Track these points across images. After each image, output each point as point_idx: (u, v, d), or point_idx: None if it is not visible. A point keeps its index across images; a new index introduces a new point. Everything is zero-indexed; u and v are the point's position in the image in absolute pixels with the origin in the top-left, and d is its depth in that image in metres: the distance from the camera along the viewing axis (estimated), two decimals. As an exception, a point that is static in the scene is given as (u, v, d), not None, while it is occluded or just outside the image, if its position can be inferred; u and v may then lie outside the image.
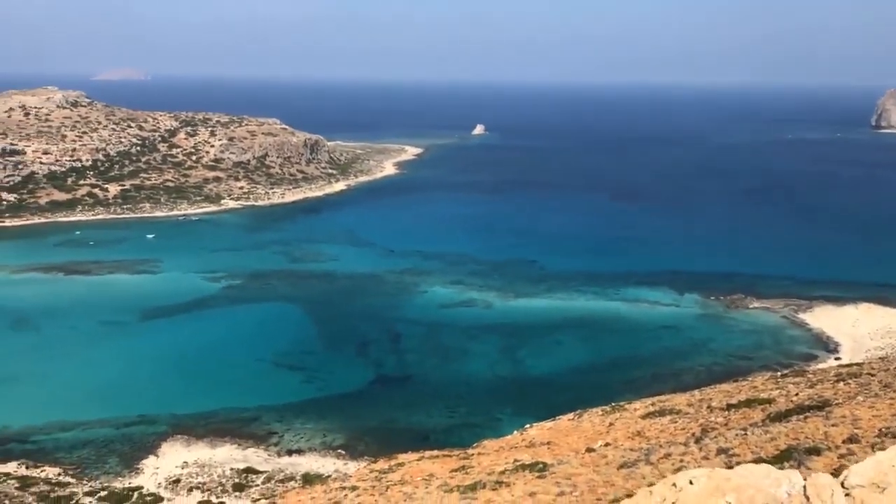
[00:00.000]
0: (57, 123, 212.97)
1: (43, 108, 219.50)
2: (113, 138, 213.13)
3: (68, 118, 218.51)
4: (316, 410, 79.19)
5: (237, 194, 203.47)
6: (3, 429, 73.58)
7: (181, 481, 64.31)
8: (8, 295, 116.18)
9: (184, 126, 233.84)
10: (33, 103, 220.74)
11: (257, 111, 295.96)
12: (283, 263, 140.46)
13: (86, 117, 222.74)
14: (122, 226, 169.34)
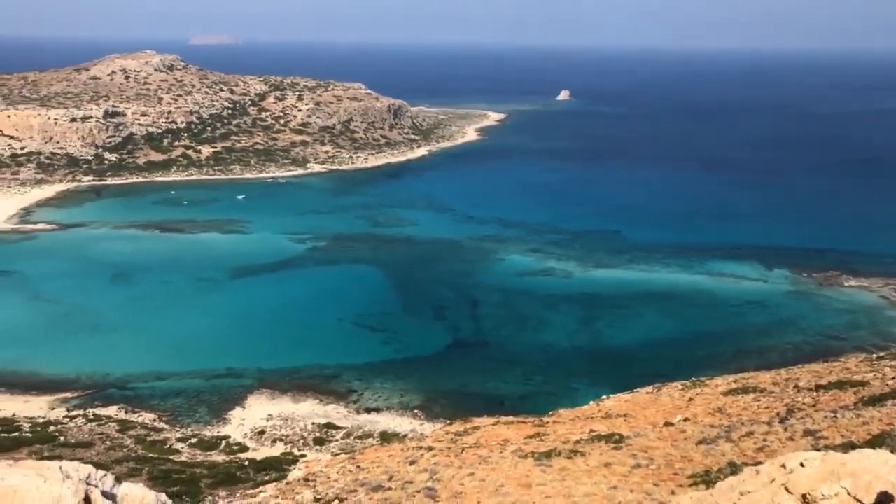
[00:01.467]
0: (154, 86, 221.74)
1: (142, 72, 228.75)
2: (206, 101, 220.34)
3: (164, 81, 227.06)
4: (394, 371, 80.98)
5: (322, 158, 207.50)
6: (105, 376, 78.55)
7: (265, 433, 67.22)
8: (109, 250, 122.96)
9: (273, 90, 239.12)
10: (133, 67, 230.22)
11: (343, 76, 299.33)
12: (364, 227, 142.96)
13: (181, 81, 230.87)
14: (214, 186, 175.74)
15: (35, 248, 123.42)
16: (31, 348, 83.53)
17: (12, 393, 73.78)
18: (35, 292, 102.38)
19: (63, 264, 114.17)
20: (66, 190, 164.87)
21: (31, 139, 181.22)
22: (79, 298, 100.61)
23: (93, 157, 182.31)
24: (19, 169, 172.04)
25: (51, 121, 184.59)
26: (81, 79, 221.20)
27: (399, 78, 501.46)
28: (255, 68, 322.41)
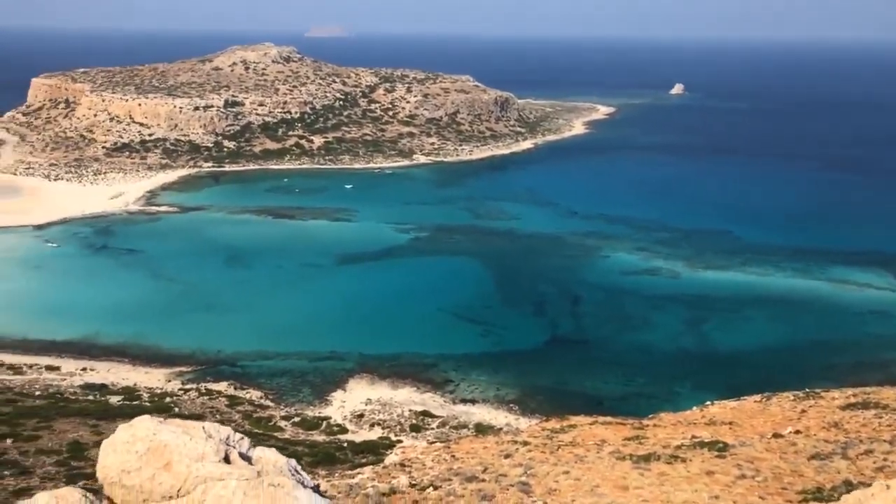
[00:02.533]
0: (271, 77, 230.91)
1: (260, 63, 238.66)
2: (319, 92, 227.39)
3: (281, 72, 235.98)
4: (491, 364, 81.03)
5: (428, 150, 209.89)
6: (217, 352, 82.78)
7: (364, 416, 68.90)
8: (225, 233, 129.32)
9: (383, 82, 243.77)
10: (252, 58, 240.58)
11: (452, 68, 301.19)
12: (467, 219, 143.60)
13: (296, 72, 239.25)
14: (324, 175, 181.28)
15: (158, 229, 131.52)
16: (152, 323, 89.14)
17: (135, 364, 79.04)
18: (157, 271, 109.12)
19: (183, 245, 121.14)
20: (188, 175, 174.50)
21: (158, 126, 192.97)
22: (196, 278, 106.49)
23: (213, 144, 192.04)
24: (147, 154, 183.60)
25: (176, 109, 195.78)
26: (205, 69, 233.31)
27: (507, 71, 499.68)
28: (366, 60, 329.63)
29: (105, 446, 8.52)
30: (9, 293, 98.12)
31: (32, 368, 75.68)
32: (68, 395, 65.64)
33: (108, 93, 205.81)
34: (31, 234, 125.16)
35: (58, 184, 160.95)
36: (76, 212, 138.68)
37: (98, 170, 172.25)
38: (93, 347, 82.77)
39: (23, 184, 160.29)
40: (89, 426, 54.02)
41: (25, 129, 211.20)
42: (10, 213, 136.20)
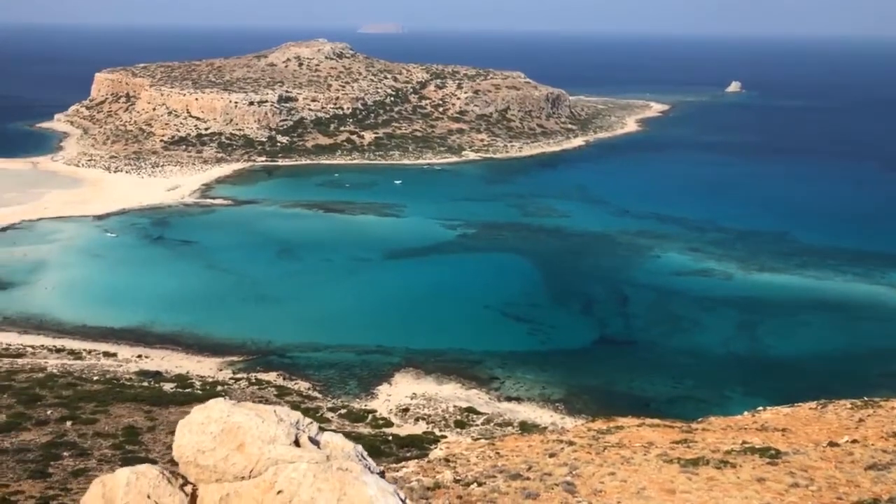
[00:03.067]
0: (324, 73, 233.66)
1: (314, 59, 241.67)
2: (371, 88, 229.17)
3: (334, 68, 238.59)
4: (537, 362, 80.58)
5: (478, 146, 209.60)
6: (268, 343, 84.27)
7: (409, 410, 69.28)
8: (277, 226, 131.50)
9: (434, 78, 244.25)
10: (306, 54, 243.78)
11: (503, 64, 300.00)
12: (515, 216, 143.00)
13: (349, 68, 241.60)
14: (374, 171, 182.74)
15: (213, 221, 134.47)
16: (205, 313, 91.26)
17: (188, 353, 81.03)
18: (211, 262, 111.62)
19: (236, 237, 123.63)
20: (242, 169, 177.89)
21: (214, 121, 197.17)
22: (248, 270, 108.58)
23: (266, 139, 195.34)
24: (203, 148, 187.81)
25: (232, 104, 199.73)
26: (260, 65, 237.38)
27: (559, 67, 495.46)
28: (418, 57, 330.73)
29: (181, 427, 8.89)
30: (70, 281, 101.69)
31: (91, 354, 78.27)
32: (124, 381, 67.68)
33: (166, 87, 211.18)
34: (92, 224, 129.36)
35: (117, 175, 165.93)
36: (134, 203, 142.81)
37: (156, 162, 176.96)
38: (148, 335, 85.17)
39: (85, 175, 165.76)
40: (143, 412, 55.63)
41: (88, 122, 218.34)
42: (73, 203, 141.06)
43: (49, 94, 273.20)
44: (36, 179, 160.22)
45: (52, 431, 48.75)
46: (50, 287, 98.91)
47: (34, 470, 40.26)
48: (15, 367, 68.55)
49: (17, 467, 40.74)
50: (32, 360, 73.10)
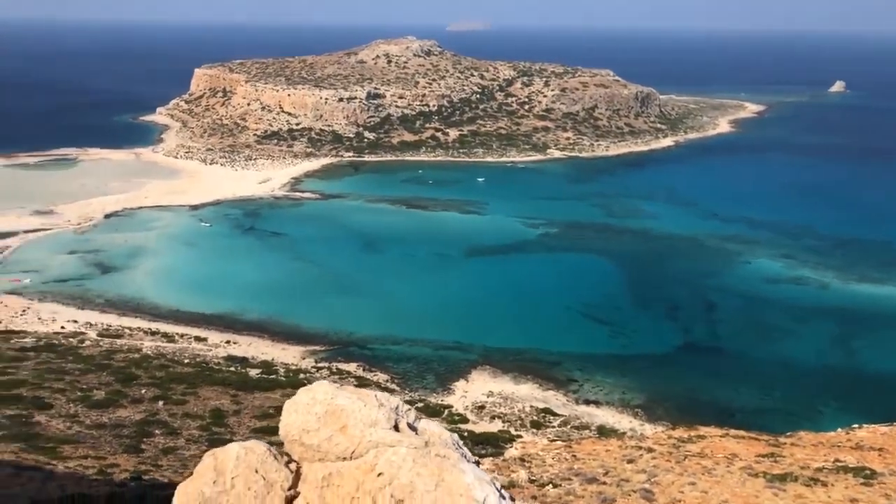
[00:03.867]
0: (412, 70, 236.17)
1: (402, 57, 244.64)
2: (457, 86, 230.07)
3: (421, 66, 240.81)
4: (617, 366, 79.07)
5: (563, 144, 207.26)
6: (349, 334, 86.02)
7: (485, 408, 69.29)
8: (362, 220, 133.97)
9: (520, 76, 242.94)
10: (395, 52, 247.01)
11: (593, 62, 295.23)
12: (599, 216, 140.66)
13: (436, 65, 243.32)
14: (457, 168, 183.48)
15: (301, 214, 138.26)
16: (291, 303, 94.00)
17: (273, 340, 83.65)
18: (298, 253, 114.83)
19: (322, 230, 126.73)
20: (330, 164, 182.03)
21: (304, 116, 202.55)
22: (332, 262, 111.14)
23: (354, 135, 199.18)
24: (293, 143, 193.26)
25: (322, 100, 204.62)
26: (350, 62, 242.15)
27: (650, 65, 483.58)
28: (506, 54, 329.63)
29: (287, 406, 9.33)
30: (166, 268, 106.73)
31: (183, 338, 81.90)
32: (213, 365, 70.48)
33: (260, 83, 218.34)
34: (188, 214, 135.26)
35: (213, 168, 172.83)
36: (228, 194, 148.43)
37: (249, 156, 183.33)
38: (237, 322, 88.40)
39: (183, 166, 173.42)
40: (230, 395, 57.78)
41: (187, 115, 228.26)
42: (171, 193, 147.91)
43: (151, 89, 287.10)
44: (138, 170, 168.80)
45: (145, 410, 51.29)
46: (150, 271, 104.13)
47: (128, 445, 42.48)
48: (114, 348, 72.49)
49: (113, 441, 43.09)
50: (129, 342, 77.15)
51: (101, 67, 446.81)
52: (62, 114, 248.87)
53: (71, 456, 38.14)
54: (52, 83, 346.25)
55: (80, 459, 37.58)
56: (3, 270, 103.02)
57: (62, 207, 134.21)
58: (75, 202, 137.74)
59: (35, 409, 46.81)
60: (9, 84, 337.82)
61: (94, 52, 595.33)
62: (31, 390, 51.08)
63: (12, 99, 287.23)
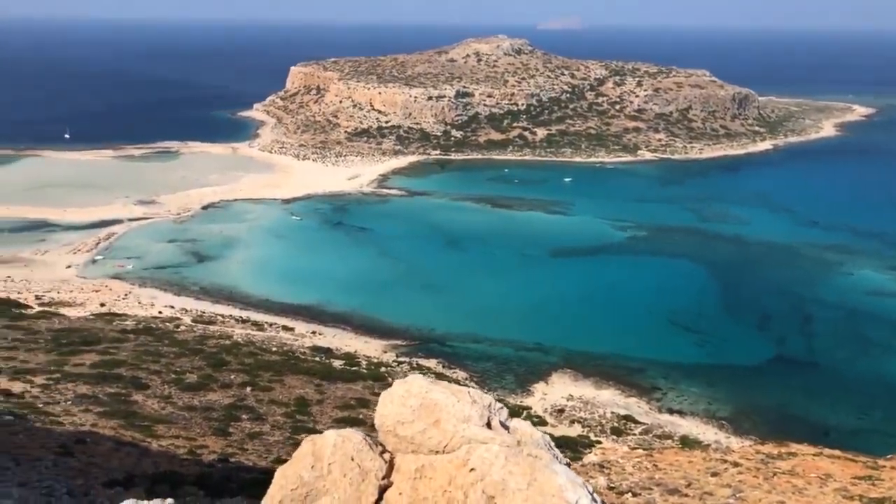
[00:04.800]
0: (501, 69, 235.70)
1: (492, 55, 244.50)
2: (546, 85, 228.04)
3: (511, 65, 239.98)
4: (704, 376, 76.58)
5: (654, 146, 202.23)
6: (430, 331, 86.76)
7: (565, 412, 68.47)
8: (446, 218, 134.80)
9: (612, 75, 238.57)
10: (485, 50, 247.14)
11: (689, 62, 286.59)
12: (690, 221, 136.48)
13: (526, 64, 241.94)
14: (544, 168, 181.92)
15: (387, 210, 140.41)
16: (375, 297, 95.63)
17: (357, 333, 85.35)
18: (383, 249, 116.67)
19: (407, 227, 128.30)
20: (416, 161, 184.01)
21: (394, 114, 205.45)
22: (416, 258, 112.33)
23: (441, 133, 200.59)
24: (382, 140, 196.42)
25: (411, 98, 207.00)
26: (440, 61, 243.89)
27: (749, 65, 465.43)
28: (598, 53, 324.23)
29: (383, 397, 9.61)
30: (258, 258, 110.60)
31: (272, 327, 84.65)
32: (299, 355, 72.50)
33: (353, 81, 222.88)
34: (280, 207, 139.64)
35: (304, 163, 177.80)
36: (318, 189, 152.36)
37: (339, 152, 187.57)
38: (322, 314, 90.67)
39: (276, 161, 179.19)
40: (314, 385, 59.29)
41: (282, 112, 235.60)
42: (264, 187, 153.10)
43: (249, 86, 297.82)
44: (234, 164, 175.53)
45: (234, 395, 53.27)
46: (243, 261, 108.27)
47: (217, 428, 44.21)
48: (207, 333, 75.65)
49: (203, 423, 44.97)
50: (221, 328, 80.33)
51: (203, 65, 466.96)
52: (166, 108, 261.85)
53: (164, 435, 40.05)
54: (156, 79, 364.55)
55: (173, 439, 39.42)
56: (109, 256, 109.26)
57: (164, 198, 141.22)
58: (175, 193, 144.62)
59: (133, 389, 49.41)
60: (118, 80, 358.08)
61: (196, 51, 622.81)
62: (130, 370, 53.94)
63: (123, 94, 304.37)
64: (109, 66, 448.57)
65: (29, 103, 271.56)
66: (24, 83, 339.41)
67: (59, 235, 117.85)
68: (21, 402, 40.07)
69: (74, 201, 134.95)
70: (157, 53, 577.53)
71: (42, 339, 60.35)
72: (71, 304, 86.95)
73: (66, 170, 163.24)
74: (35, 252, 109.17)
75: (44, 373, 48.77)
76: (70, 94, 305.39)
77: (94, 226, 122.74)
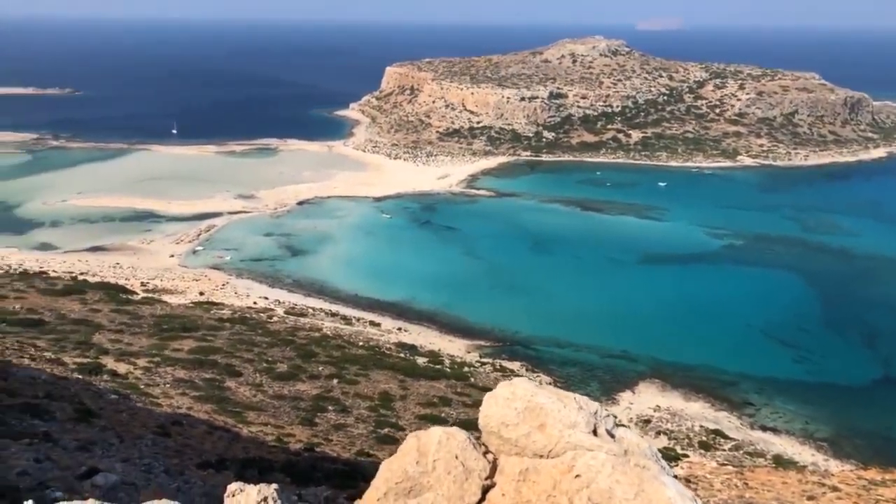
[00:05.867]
0: (597, 70, 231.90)
1: (588, 56, 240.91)
2: (643, 87, 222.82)
3: (607, 66, 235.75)
4: (801, 393, 72.92)
5: (755, 151, 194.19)
6: (514, 332, 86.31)
7: (651, 423, 66.68)
8: (533, 220, 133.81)
9: (713, 78, 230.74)
10: (580, 51, 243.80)
11: (796, 65, 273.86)
12: (792, 230, 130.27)
13: (622, 65, 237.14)
14: (638, 171, 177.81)
15: (475, 210, 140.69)
16: (460, 296, 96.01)
17: (441, 331, 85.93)
18: (469, 248, 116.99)
19: (494, 227, 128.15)
20: (506, 162, 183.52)
21: (486, 115, 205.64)
22: (502, 259, 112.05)
23: (533, 134, 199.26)
24: (473, 140, 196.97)
25: (504, 99, 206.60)
26: (534, 62, 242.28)
27: (865, 67, 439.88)
28: (698, 54, 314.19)
29: (488, 399, 9.66)
30: (348, 254, 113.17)
31: (359, 322, 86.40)
32: (384, 350, 73.66)
33: (446, 81, 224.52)
34: (371, 205, 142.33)
35: (396, 162, 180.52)
36: (408, 188, 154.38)
37: (430, 152, 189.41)
38: (408, 311, 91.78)
39: (369, 160, 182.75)
40: (398, 381, 60.08)
41: (376, 111, 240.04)
42: (357, 185, 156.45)
43: (346, 85, 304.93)
44: (329, 161, 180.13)
45: (321, 386, 54.65)
46: (334, 256, 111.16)
47: (304, 418, 45.47)
48: (298, 325, 77.97)
49: (291, 412, 46.34)
50: (312, 321, 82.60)
51: (300, 63, 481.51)
52: (267, 106, 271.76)
53: (254, 422, 41.53)
54: (257, 78, 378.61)
55: (262, 426, 40.81)
56: (209, 247, 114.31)
57: (262, 193, 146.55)
58: (273, 189, 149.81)
59: (227, 375, 51.48)
60: (221, 78, 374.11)
61: (297, 49, 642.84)
62: (225, 358, 56.23)
63: (225, 91, 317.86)
64: (213, 64, 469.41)
65: (139, 99, 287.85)
66: (133, 79, 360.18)
67: (164, 226, 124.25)
68: (125, 382, 42.44)
69: (179, 194, 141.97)
70: (256, 51, 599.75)
71: (145, 323, 63.76)
72: (173, 291, 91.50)
73: (173, 164, 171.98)
74: (142, 241, 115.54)
75: (146, 356, 51.48)
76: (176, 90, 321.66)
77: (197, 218, 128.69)
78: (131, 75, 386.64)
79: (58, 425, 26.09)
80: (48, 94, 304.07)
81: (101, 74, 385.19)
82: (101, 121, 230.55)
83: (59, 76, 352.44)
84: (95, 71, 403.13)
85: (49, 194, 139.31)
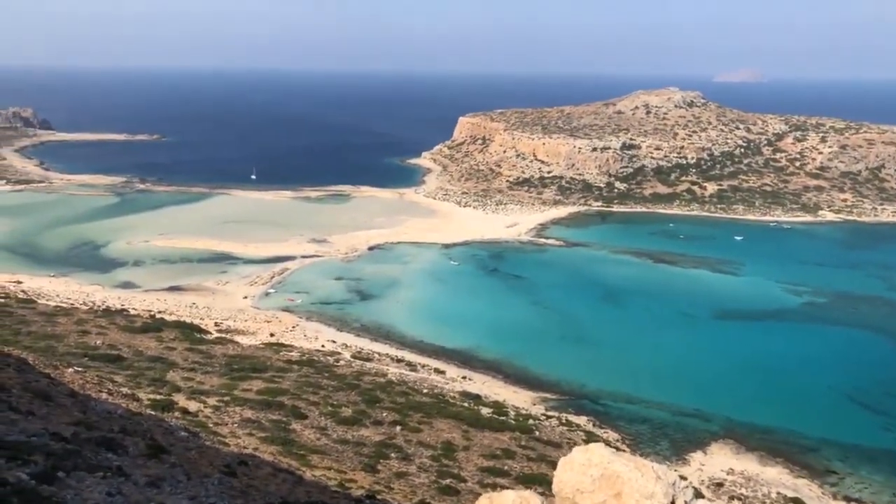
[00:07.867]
0: (671, 122, 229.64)
1: (662, 108, 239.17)
2: (719, 139, 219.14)
3: (682, 117, 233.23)
4: (890, 463, 68.44)
5: (838, 206, 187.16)
6: (581, 386, 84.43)
7: (724, 486, 63.68)
8: (604, 271, 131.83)
9: (793, 130, 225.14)
10: (655, 102, 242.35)
11: (883, 117, 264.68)
12: (878, 289, 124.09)
13: (698, 117, 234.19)
14: (713, 224, 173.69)
15: (544, 260, 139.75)
16: (526, 346, 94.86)
17: (506, 382, 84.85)
18: (537, 298, 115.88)
19: (563, 277, 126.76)
20: (577, 212, 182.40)
21: (557, 165, 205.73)
22: (571, 310, 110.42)
23: (604, 184, 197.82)
24: (543, 190, 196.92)
25: (575, 149, 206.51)
26: (607, 112, 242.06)
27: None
28: (778, 107, 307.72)
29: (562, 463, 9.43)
30: (415, 300, 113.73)
31: (424, 368, 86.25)
32: (448, 399, 73.13)
33: (517, 132, 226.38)
34: (439, 252, 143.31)
35: (465, 210, 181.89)
36: (477, 236, 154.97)
37: (500, 201, 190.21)
38: (473, 359, 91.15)
39: (439, 207, 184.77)
40: (461, 431, 59.39)
41: (448, 160, 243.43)
42: (426, 231, 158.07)
43: (420, 134, 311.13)
44: (400, 208, 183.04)
45: (384, 432, 54.54)
46: (401, 301, 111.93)
47: (366, 464, 45.35)
48: (364, 370, 78.42)
49: (353, 458, 46.32)
50: (377, 366, 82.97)
51: (376, 112, 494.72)
52: (342, 153, 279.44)
53: (317, 465, 41.66)
54: (334, 125, 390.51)
55: (325, 470, 40.89)
56: (281, 289, 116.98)
57: (334, 237, 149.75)
58: (345, 234, 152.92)
59: (293, 417, 52.01)
60: (301, 125, 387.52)
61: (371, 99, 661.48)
62: (292, 399, 56.90)
63: (303, 138, 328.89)
64: (292, 111, 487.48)
65: (222, 144, 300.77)
66: (216, 125, 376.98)
67: (240, 268, 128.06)
68: (195, 420, 43.40)
69: (255, 237, 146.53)
70: (336, 102, 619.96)
71: (217, 363, 65.36)
72: (244, 332, 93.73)
73: (251, 207, 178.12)
74: (217, 282, 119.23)
75: (216, 395, 52.63)
76: (255, 136, 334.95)
77: (271, 261, 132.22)
78: (220, 121, 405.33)
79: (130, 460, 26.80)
80: (137, 140, 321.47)
81: (190, 119, 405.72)
82: (186, 164, 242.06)
83: (149, 123, 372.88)
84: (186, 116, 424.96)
85: (133, 235, 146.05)
